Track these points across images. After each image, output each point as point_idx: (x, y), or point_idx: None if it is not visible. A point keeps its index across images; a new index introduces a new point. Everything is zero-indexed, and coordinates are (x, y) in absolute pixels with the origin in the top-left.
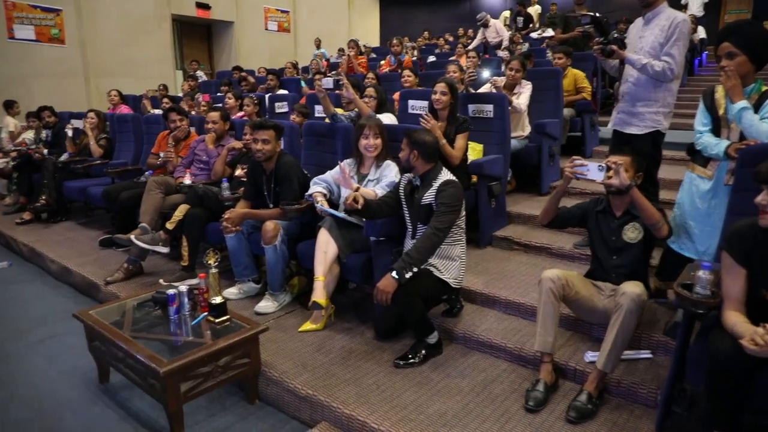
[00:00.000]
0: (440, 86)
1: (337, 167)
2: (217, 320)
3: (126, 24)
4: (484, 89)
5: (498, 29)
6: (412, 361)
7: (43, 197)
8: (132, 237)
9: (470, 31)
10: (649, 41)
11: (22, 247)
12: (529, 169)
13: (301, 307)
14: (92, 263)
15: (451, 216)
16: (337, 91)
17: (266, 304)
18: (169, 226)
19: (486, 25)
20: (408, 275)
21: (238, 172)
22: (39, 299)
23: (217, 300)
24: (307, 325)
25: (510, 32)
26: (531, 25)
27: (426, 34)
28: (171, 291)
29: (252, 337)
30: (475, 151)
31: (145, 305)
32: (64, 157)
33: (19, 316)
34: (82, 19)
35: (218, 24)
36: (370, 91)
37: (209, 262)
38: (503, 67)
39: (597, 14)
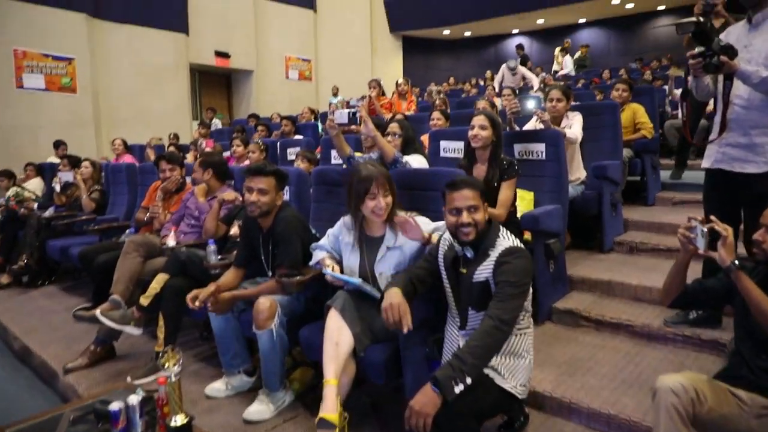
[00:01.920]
0: (479, 119)
1: (334, 229)
2: None
3: (141, 73)
4: (529, 126)
5: (525, 75)
6: None
7: (23, 258)
8: (97, 313)
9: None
10: (764, 50)
11: None
12: (585, 221)
13: (305, 411)
14: (59, 341)
15: (519, 301)
16: (353, 127)
17: (259, 408)
18: (144, 301)
19: (515, 73)
20: (459, 389)
21: (234, 230)
22: None
23: (179, 421)
24: None
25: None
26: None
27: (452, 79)
28: (115, 405)
29: None
30: (524, 201)
31: (86, 419)
32: (49, 212)
33: None
34: (96, 67)
35: (238, 73)
36: (394, 127)
37: (167, 365)
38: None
39: (700, 19)
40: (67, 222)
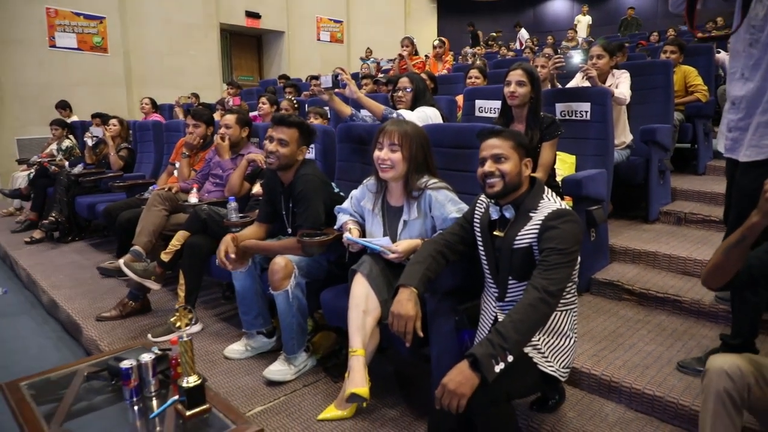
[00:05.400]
0: (516, 74)
1: (357, 192)
2: (188, 412)
3: (172, 33)
4: (573, 84)
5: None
6: None
7: (53, 214)
8: (120, 263)
9: (536, 38)
10: None
11: (21, 271)
12: (629, 189)
13: (326, 377)
14: (86, 296)
15: (568, 270)
16: (337, 90)
17: (281, 368)
18: (164, 257)
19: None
20: (499, 368)
21: (257, 188)
22: (19, 339)
23: (191, 381)
24: (331, 411)
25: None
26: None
27: (489, 36)
28: (126, 363)
29: None
30: (566, 165)
31: (100, 376)
32: (77, 168)
33: None
34: (127, 27)
35: (269, 34)
36: (404, 81)
37: (178, 325)
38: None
39: None
40: (94, 179)
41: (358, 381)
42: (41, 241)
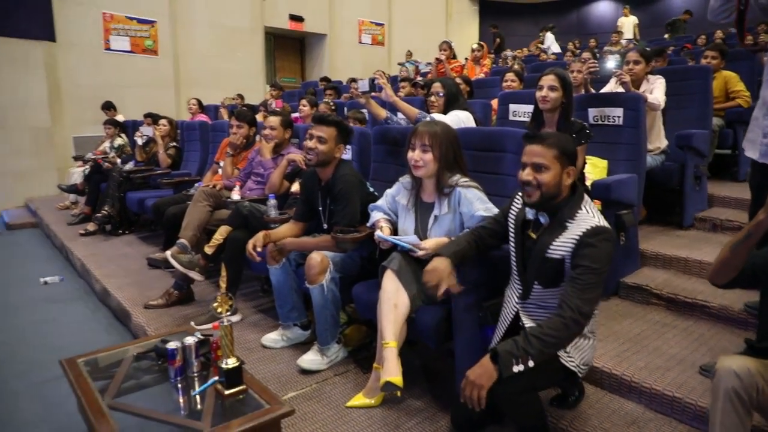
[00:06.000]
0: (548, 79)
1: (392, 189)
2: (227, 392)
3: (218, 36)
4: (607, 89)
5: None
6: None
7: (106, 208)
8: (167, 254)
9: (577, 41)
10: None
11: (76, 261)
12: (664, 195)
13: (356, 367)
14: (135, 285)
15: (600, 289)
16: (373, 94)
17: (313, 358)
18: (208, 250)
19: None
20: (517, 368)
21: (295, 187)
22: (73, 324)
23: (230, 363)
24: (359, 399)
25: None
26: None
27: (533, 46)
28: (172, 345)
29: (271, 423)
30: (597, 169)
31: (148, 356)
32: (129, 165)
33: (43, 344)
34: (176, 30)
35: (311, 37)
36: (436, 86)
37: (219, 311)
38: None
39: None
40: (144, 176)
41: (392, 370)
42: (94, 234)
